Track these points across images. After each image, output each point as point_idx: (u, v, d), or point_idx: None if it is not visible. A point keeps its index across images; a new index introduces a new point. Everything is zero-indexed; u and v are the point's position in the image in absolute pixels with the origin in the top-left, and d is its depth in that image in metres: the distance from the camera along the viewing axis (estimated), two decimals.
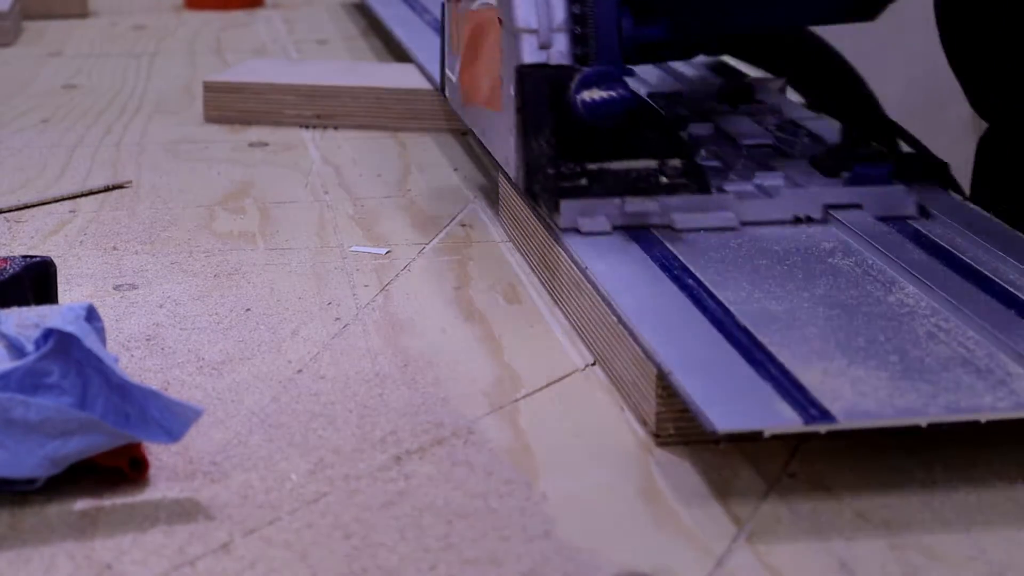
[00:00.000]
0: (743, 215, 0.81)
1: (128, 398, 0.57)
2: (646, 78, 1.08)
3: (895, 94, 1.09)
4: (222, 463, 0.60)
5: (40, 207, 0.94)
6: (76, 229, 0.90)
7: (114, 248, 0.86)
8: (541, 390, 0.67)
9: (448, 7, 0.97)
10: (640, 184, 0.79)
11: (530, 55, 0.83)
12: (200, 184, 1.00)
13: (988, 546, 0.53)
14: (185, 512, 0.56)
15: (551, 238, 0.79)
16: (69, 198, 0.96)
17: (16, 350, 0.59)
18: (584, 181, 0.79)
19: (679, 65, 1.10)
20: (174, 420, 0.57)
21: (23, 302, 0.65)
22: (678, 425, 0.62)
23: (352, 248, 0.86)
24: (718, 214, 0.80)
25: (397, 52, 1.35)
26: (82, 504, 0.56)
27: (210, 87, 1.18)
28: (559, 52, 0.83)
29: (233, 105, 1.17)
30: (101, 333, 0.60)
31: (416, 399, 0.66)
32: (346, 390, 0.67)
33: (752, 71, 1.12)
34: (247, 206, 0.94)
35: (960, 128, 0.94)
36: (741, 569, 0.52)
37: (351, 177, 1.01)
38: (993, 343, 0.64)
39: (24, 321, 0.60)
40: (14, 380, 0.56)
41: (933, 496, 0.57)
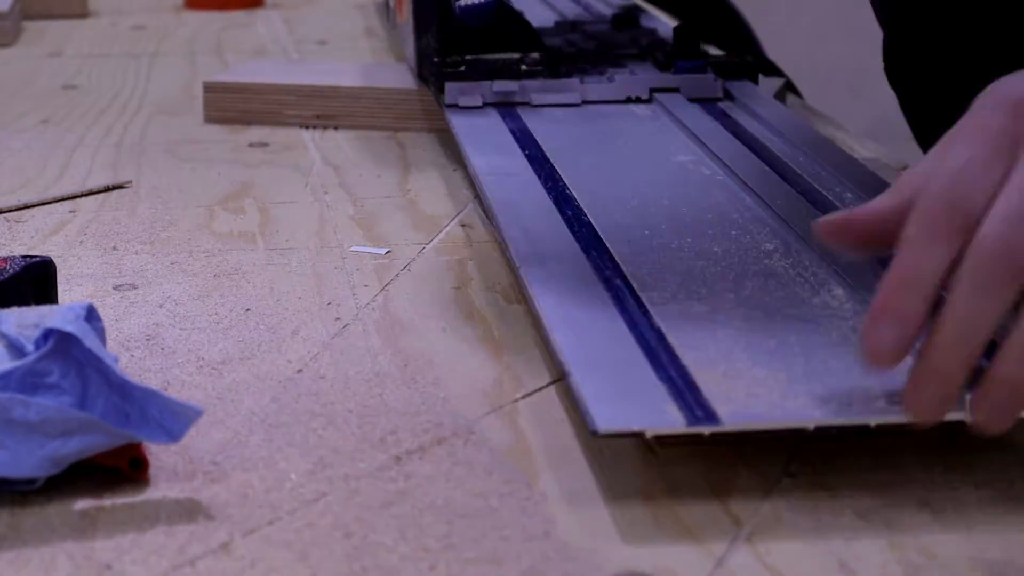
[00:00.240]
0: (586, 95, 1.05)
1: (128, 398, 0.57)
2: (560, 9, 1.38)
3: (894, 95, 1.09)
4: (222, 463, 0.60)
5: (40, 207, 0.94)
6: (76, 229, 0.90)
7: (114, 248, 0.86)
8: (541, 390, 0.67)
9: None
10: (505, 70, 1.05)
11: None
12: (200, 184, 1.00)
13: (988, 546, 0.53)
14: (185, 512, 0.56)
15: (441, 111, 1.05)
16: (69, 198, 0.96)
17: (16, 350, 0.59)
18: (463, 68, 1.04)
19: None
20: (174, 420, 0.57)
21: (23, 302, 0.65)
22: None
23: (352, 248, 0.86)
24: (565, 94, 1.04)
25: (397, 52, 1.35)
26: (82, 504, 0.56)
27: (210, 87, 1.18)
28: None
29: (233, 105, 1.17)
30: (101, 333, 0.60)
31: (416, 399, 0.66)
32: (346, 390, 0.67)
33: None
34: (247, 206, 0.94)
35: None
36: (741, 569, 0.52)
37: (351, 177, 1.01)
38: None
39: (24, 321, 0.60)
40: (14, 380, 0.56)
41: (933, 496, 0.57)
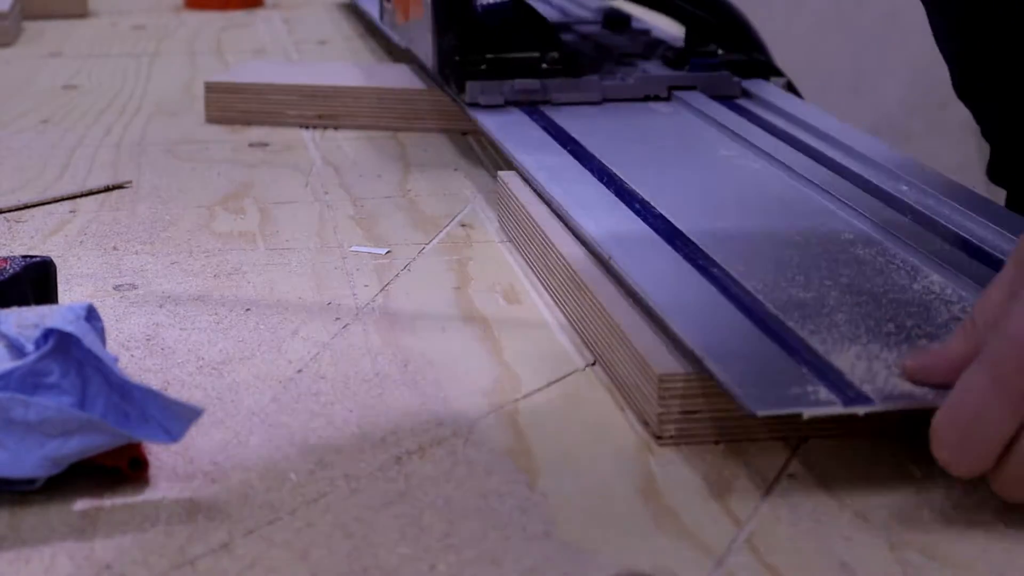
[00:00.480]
0: (606, 93, 1.05)
1: (128, 398, 0.57)
2: (562, 6, 1.39)
3: (895, 94, 1.09)
4: (222, 463, 0.60)
5: (40, 207, 0.94)
6: (76, 229, 0.90)
7: (114, 248, 0.86)
8: (541, 390, 0.67)
9: None
10: (525, 69, 1.04)
11: None
12: (200, 184, 1.00)
13: (988, 546, 0.53)
14: (185, 512, 0.56)
15: (460, 109, 1.04)
16: (69, 198, 0.96)
17: (16, 350, 0.59)
18: (483, 67, 1.02)
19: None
20: (174, 420, 0.57)
21: (23, 302, 0.65)
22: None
23: (352, 248, 0.86)
24: (585, 92, 1.04)
25: (396, 53, 1.35)
26: (82, 504, 0.56)
27: (212, 87, 1.18)
28: None
29: (235, 105, 1.17)
30: (101, 333, 0.60)
31: (416, 399, 0.66)
32: (346, 390, 0.67)
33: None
34: (247, 206, 0.94)
35: (960, 128, 0.94)
36: (741, 569, 0.52)
37: (351, 177, 1.01)
38: None
39: (24, 321, 0.60)
40: (14, 380, 0.56)
41: (933, 496, 0.57)
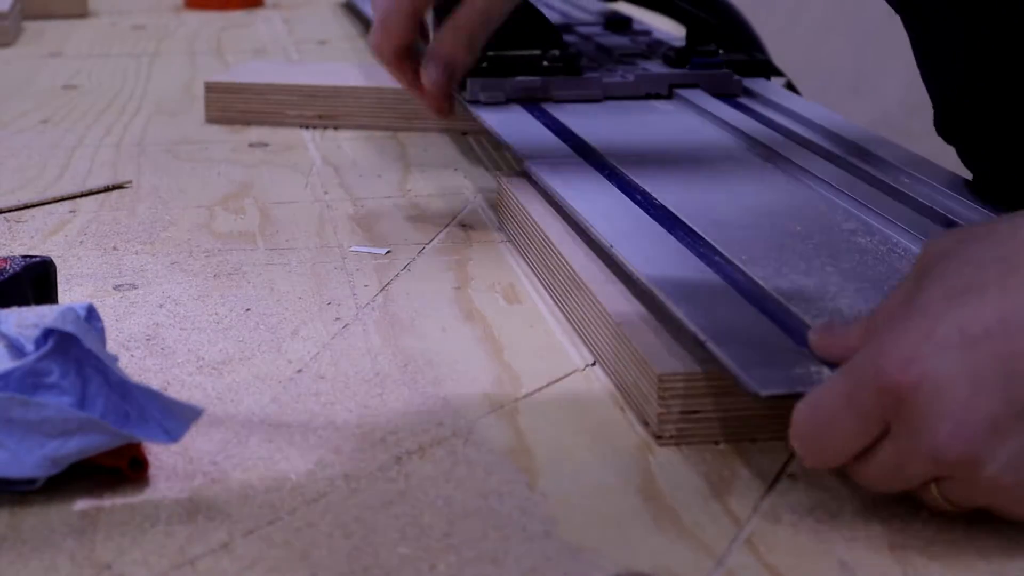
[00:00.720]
0: (607, 91, 1.05)
1: (128, 398, 0.57)
2: (563, 9, 1.39)
3: (895, 94, 1.09)
4: (222, 463, 0.60)
5: (40, 207, 0.94)
6: (76, 229, 0.90)
7: (114, 248, 0.86)
8: (541, 390, 0.67)
9: None
10: (527, 67, 1.04)
11: None
12: (200, 184, 1.00)
13: (989, 546, 0.53)
14: (185, 512, 0.56)
15: (462, 107, 1.03)
16: (69, 198, 0.96)
17: (16, 350, 0.59)
18: (485, 64, 1.02)
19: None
20: (174, 420, 0.57)
21: (23, 302, 0.65)
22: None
23: (352, 248, 0.86)
24: (586, 90, 1.04)
25: None
26: (82, 504, 0.56)
27: (212, 88, 1.18)
28: None
29: (235, 105, 1.17)
30: (101, 333, 0.60)
31: (416, 399, 0.66)
32: (346, 390, 0.67)
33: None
34: (247, 206, 0.94)
35: None
36: (741, 569, 0.52)
37: (351, 177, 1.01)
38: None
39: (24, 321, 0.60)
40: (14, 380, 0.56)
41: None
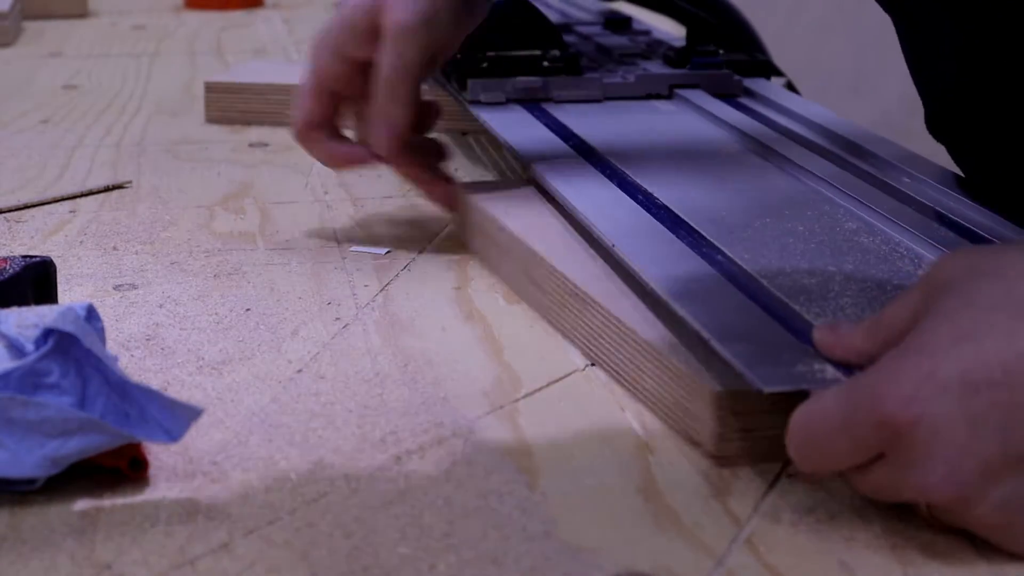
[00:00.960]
0: (607, 91, 1.04)
1: (128, 398, 0.57)
2: (563, 8, 1.39)
3: (895, 94, 1.09)
4: (222, 463, 0.60)
5: (40, 207, 0.94)
6: (76, 229, 0.90)
7: (114, 248, 0.86)
8: (541, 390, 0.67)
9: None
10: (527, 67, 1.03)
11: None
12: (200, 184, 1.00)
13: (989, 546, 0.53)
14: (185, 512, 0.56)
15: (462, 108, 1.03)
16: (69, 198, 0.96)
17: (16, 350, 0.59)
18: (485, 65, 1.02)
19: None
20: (174, 420, 0.57)
21: (23, 302, 0.65)
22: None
23: (352, 248, 0.86)
24: (586, 90, 1.03)
25: None
26: (82, 504, 0.56)
27: (212, 88, 1.18)
28: None
29: (235, 106, 1.17)
30: (101, 333, 0.60)
31: (416, 399, 0.66)
32: (346, 390, 0.67)
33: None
34: (247, 206, 0.94)
35: None
36: (741, 569, 0.52)
37: (351, 177, 1.01)
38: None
39: (24, 321, 0.60)
40: (14, 380, 0.56)
41: None
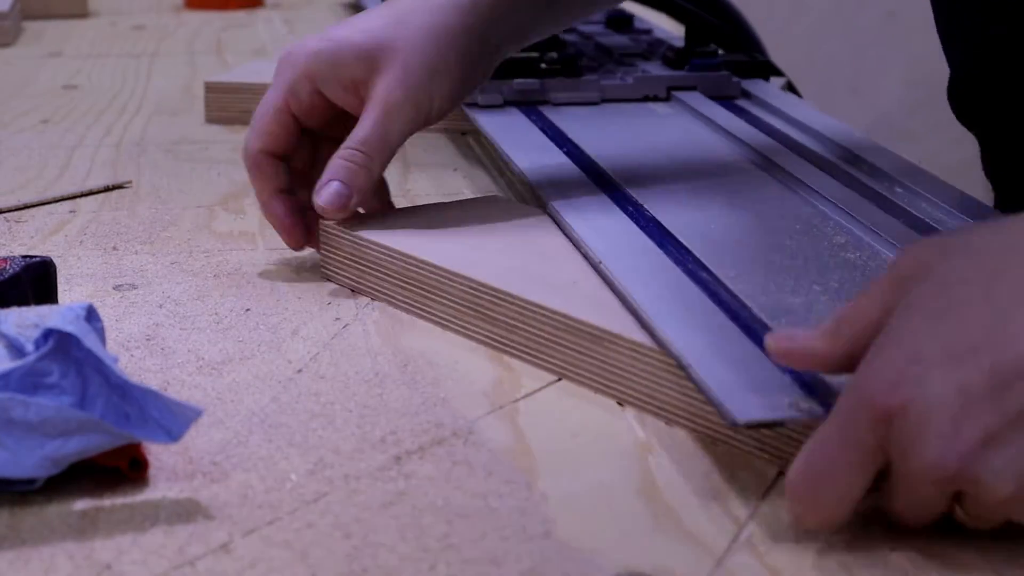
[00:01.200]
0: (605, 93, 1.04)
1: (128, 398, 0.57)
2: None
3: (895, 94, 1.09)
4: (222, 463, 0.60)
5: (40, 207, 0.94)
6: (76, 229, 0.90)
7: (114, 248, 0.86)
8: (541, 390, 0.67)
9: None
10: (525, 69, 1.05)
11: None
12: (200, 184, 1.00)
13: (989, 547, 0.53)
14: (185, 512, 0.56)
15: (459, 110, 1.02)
16: (69, 198, 0.96)
17: (16, 350, 0.59)
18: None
19: None
20: (174, 420, 0.57)
21: (23, 302, 0.65)
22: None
23: None
24: (584, 92, 1.04)
25: None
26: (82, 504, 0.56)
27: (212, 88, 1.18)
28: None
29: (235, 105, 1.17)
30: (101, 333, 0.60)
31: (416, 399, 0.66)
32: (346, 390, 0.67)
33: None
34: (247, 206, 0.94)
35: (960, 128, 0.94)
36: (741, 569, 0.52)
37: None
38: None
39: (24, 321, 0.60)
40: (14, 380, 0.56)
41: None
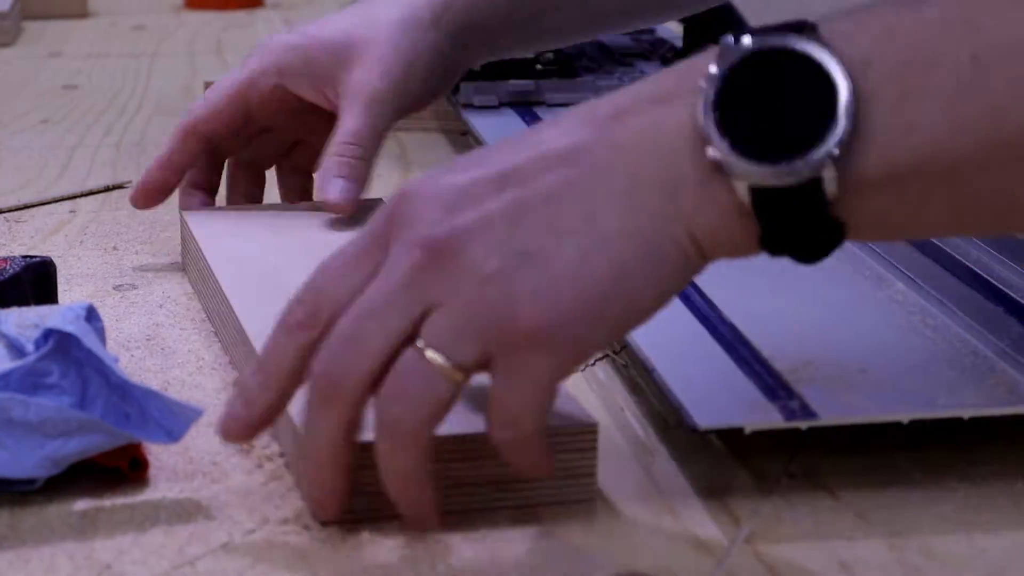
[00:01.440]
0: (600, 95, 0.99)
1: (128, 398, 0.57)
2: None
3: None
4: (222, 463, 0.60)
5: (40, 207, 0.94)
6: (76, 229, 0.90)
7: (114, 248, 0.86)
8: None
9: None
10: (520, 70, 1.05)
11: None
12: None
13: (988, 546, 0.53)
14: (185, 512, 0.56)
15: (456, 111, 1.04)
16: (69, 198, 0.96)
17: (16, 350, 0.59)
18: (478, 68, 0.97)
19: None
20: (174, 420, 0.57)
21: (23, 302, 0.65)
22: None
23: None
24: (579, 93, 1.03)
25: None
26: (82, 504, 0.56)
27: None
28: None
29: None
30: (101, 333, 0.61)
31: None
32: None
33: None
34: None
35: None
36: (741, 569, 0.52)
37: None
38: None
39: (24, 321, 0.60)
40: (14, 380, 0.56)
41: (933, 496, 0.57)
